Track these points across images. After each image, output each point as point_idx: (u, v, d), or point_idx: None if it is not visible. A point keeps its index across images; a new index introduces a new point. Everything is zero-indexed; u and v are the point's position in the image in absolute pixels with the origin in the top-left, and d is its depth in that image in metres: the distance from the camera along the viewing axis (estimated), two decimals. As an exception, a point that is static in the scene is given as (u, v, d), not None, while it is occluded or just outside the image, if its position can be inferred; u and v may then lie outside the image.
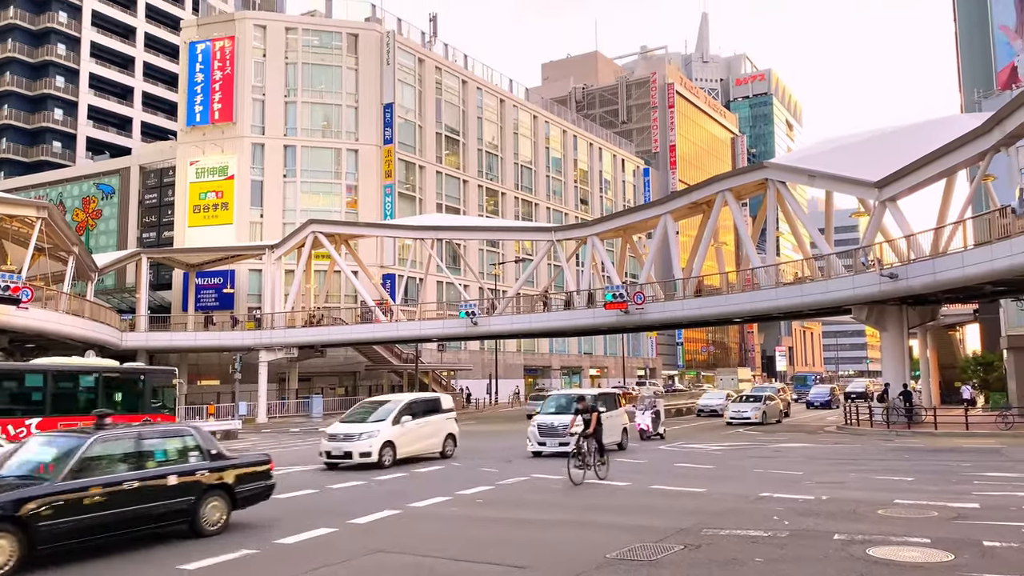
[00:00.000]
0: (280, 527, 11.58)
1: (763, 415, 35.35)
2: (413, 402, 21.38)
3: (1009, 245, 23.76)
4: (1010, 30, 47.78)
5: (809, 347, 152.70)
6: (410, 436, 20.44)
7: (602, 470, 16.24)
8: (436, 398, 22.82)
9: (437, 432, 21.57)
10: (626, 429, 23.53)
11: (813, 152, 40.83)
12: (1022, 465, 18.06)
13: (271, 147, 59.20)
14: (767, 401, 36.77)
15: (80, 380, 24.33)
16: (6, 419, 21.54)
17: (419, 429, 20.84)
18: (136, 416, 22.87)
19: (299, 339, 48.06)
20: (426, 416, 21.39)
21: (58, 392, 23.35)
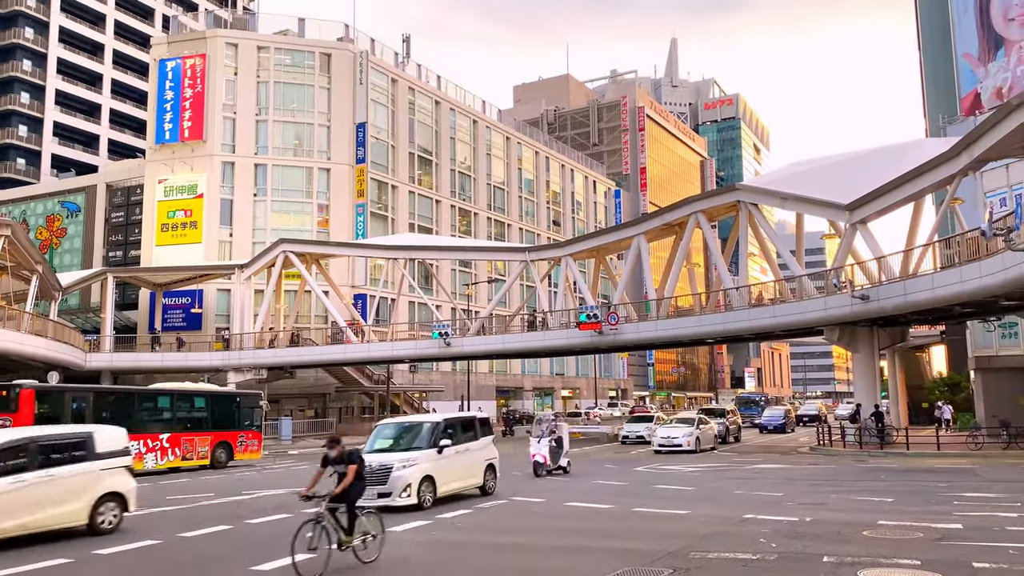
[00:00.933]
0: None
1: (696, 441, 31.03)
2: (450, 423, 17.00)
3: (978, 267, 24.12)
4: (973, 58, 48.98)
5: (778, 368, 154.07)
6: (450, 468, 16.34)
7: (365, 550, 10.47)
8: (472, 418, 18.44)
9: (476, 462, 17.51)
10: (492, 466, 17.89)
11: (784, 175, 41.31)
12: (998, 485, 18.18)
13: (241, 165, 58.62)
14: (700, 425, 32.55)
15: (195, 402, 28.43)
16: (145, 434, 25.23)
17: (458, 459, 16.71)
18: (235, 432, 28.54)
19: (268, 360, 47.36)
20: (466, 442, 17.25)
21: (180, 412, 27.38)
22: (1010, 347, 36.31)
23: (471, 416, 18.62)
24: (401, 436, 16.59)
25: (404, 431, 16.77)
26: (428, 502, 15.35)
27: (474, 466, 17.30)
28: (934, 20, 54.87)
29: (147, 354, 49.58)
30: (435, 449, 15.77)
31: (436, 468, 15.71)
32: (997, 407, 33.86)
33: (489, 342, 44.13)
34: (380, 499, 14.58)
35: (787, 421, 49.08)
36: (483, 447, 17.79)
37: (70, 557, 11.26)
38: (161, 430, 26.10)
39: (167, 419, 26.75)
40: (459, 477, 16.70)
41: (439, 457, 15.83)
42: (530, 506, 16.09)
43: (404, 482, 14.99)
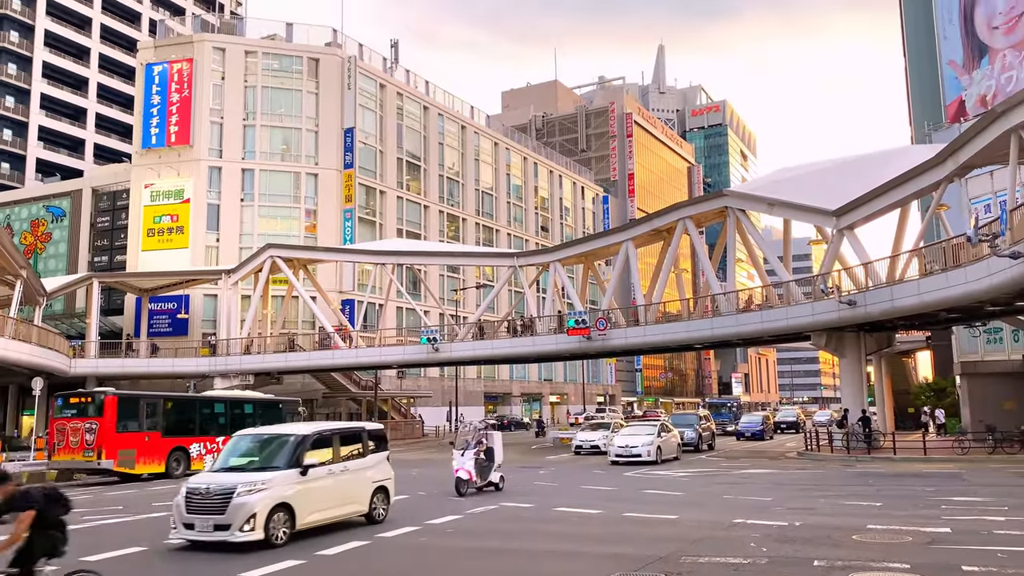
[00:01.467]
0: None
1: (658, 451, 28.06)
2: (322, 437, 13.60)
3: (964, 273, 24.28)
4: (958, 65, 49.42)
5: (765, 373, 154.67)
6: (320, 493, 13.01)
7: None
8: (359, 429, 15.02)
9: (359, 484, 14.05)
10: (384, 489, 14.52)
11: (771, 181, 41.50)
12: (985, 490, 18.28)
13: (229, 170, 58.38)
14: (663, 433, 29.60)
15: (245, 407, 30.74)
16: (205, 437, 28.10)
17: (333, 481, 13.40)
18: None
19: (255, 366, 47.09)
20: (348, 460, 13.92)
21: (232, 416, 29.54)
22: (995, 352, 36.59)
23: (355, 427, 15.28)
24: (258, 452, 13.26)
25: (263, 445, 13.38)
26: (281, 537, 12.05)
27: (357, 489, 13.89)
28: (919, 28, 55.35)
29: (133, 360, 49.21)
30: (297, 469, 12.50)
31: (297, 493, 12.38)
32: (983, 412, 34.11)
33: (477, 347, 44.05)
34: (217, 532, 11.75)
35: (765, 427, 46.53)
36: (372, 466, 14.40)
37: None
38: (217, 433, 28.25)
39: (222, 423, 29.05)
40: (333, 503, 13.31)
41: (302, 480, 12.53)
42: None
43: (247, 512, 11.71)
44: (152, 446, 26.32)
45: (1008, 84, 44.57)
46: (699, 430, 35.54)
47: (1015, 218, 21.30)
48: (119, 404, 25.79)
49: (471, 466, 18.74)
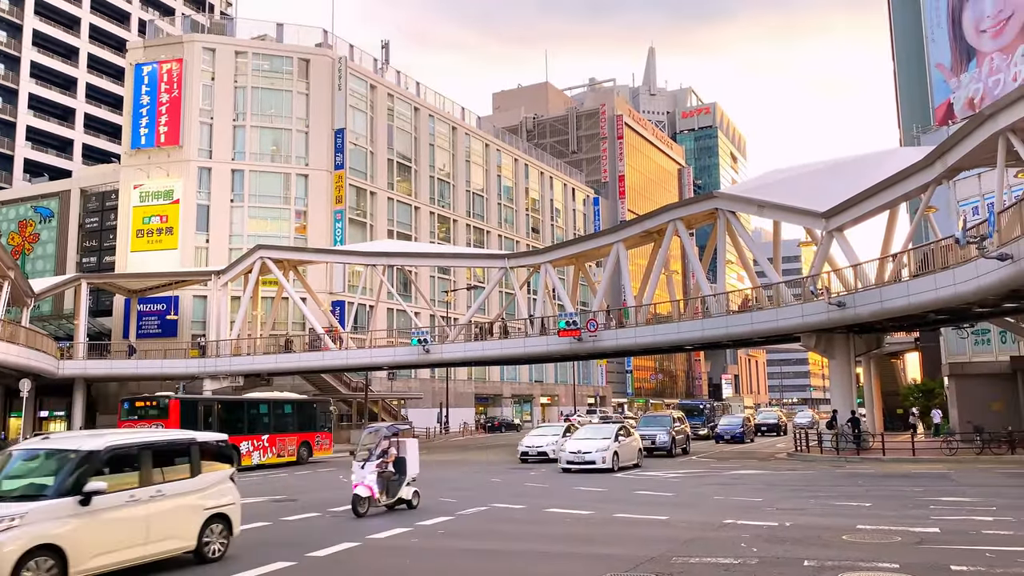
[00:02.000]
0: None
1: (614, 457, 25.29)
2: (120, 453, 10.29)
3: (952, 274, 24.43)
4: (946, 68, 49.74)
5: (754, 375, 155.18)
6: (112, 528, 9.72)
7: None
8: (185, 442, 11.36)
9: (183, 514, 10.77)
10: (223, 517, 11.35)
11: (761, 183, 41.66)
12: (973, 490, 18.39)
13: (218, 171, 58.17)
14: (621, 436, 26.58)
15: (284, 408, 33.13)
16: (253, 435, 30.60)
17: (137, 511, 10.08)
18: (313, 433, 33.94)
19: (245, 367, 46.93)
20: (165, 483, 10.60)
21: (275, 416, 32.30)
22: (983, 354, 36.83)
23: (178, 439, 11.51)
24: (34, 473, 10.13)
25: (41, 464, 10.20)
26: None
27: (179, 520, 10.66)
28: (908, 31, 55.69)
29: (121, 361, 48.96)
30: (73, 498, 9.28)
31: (72, 530, 9.15)
32: (971, 413, 34.31)
33: (468, 349, 44.03)
34: None
35: (746, 430, 44.59)
36: (204, 489, 11.11)
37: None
38: (262, 432, 31.25)
39: (266, 423, 31.92)
40: (136, 541, 9.98)
41: (82, 511, 9.30)
42: (511, 512, 15.85)
43: None
44: None
45: (995, 87, 44.88)
46: (672, 433, 33.02)
47: (1003, 220, 21.44)
48: (181, 407, 28.71)
49: (373, 481, 15.60)
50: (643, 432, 32.04)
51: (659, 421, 34.74)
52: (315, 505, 17.45)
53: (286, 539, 12.94)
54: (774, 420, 54.73)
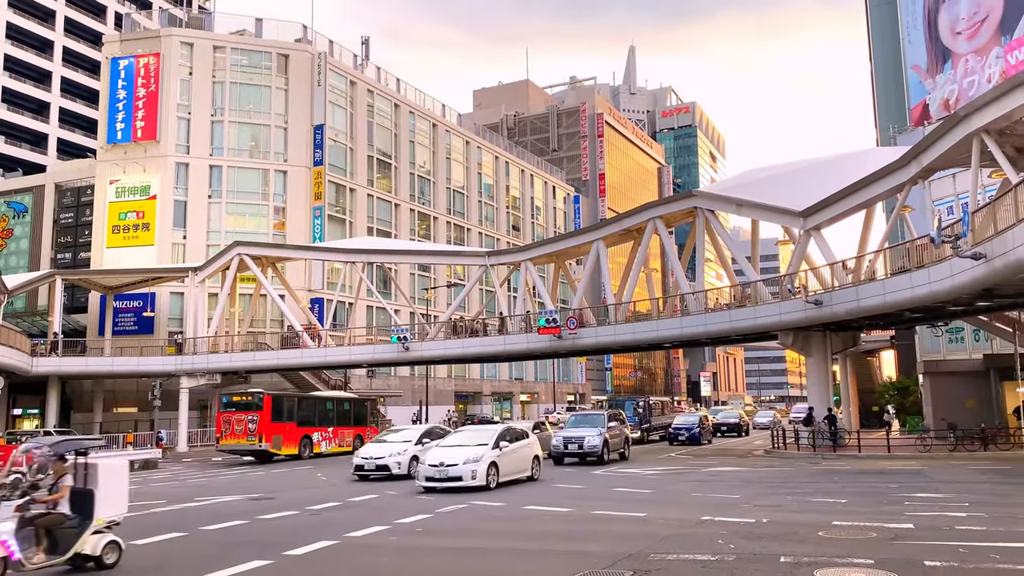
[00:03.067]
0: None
1: (492, 471, 19.40)
2: None
3: (927, 273, 24.71)
4: (922, 70, 50.28)
5: (732, 372, 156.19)
6: None
7: None
8: None
9: None
10: None
11: (739, 182, 41.92)
12: (946, 486, 18.62)
13: (196, 167, 57.64)
14: (506, 443, 20.38)
15: (344, 404, 38.37)
16: (322, 427, 35.88)
17: None
18: (364, 427, 38.49)
19: (223, 365, 46.59)
20: None
21: (338, 411, 37.51)
22: (957, 352, 37.31)
23: None
24: None
25: None
26: None
27: None
28: (885, 32, 56.24)
29: (97, 359, 48.45)
30: None
31: None
32: (944, 410, 34.72)
33: (448, 346, 43.95)
34: None
35: (702, 430, 41.04)
36: None
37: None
38: (328, 424, 36.35)
39: (330, 416, 36.82)
40: None
41: None
42: (490, 511, 15.83)
43: None
44: (291, 434, 33.76)
45: (970, 88, 45.44)
46: (606, 435, 27.07)
47: (977, 220, 21.70)
48: (272, 401, 33.46)
49: (10, 533, 9.50)
50: (570, 434, 27.30)
51: (591, 420, 28.64)
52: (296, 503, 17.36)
53: (261, 538, 12.84)
54: (735, 419, 50.60)
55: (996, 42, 45.52)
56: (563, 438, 27.08)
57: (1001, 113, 21.31)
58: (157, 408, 44.18)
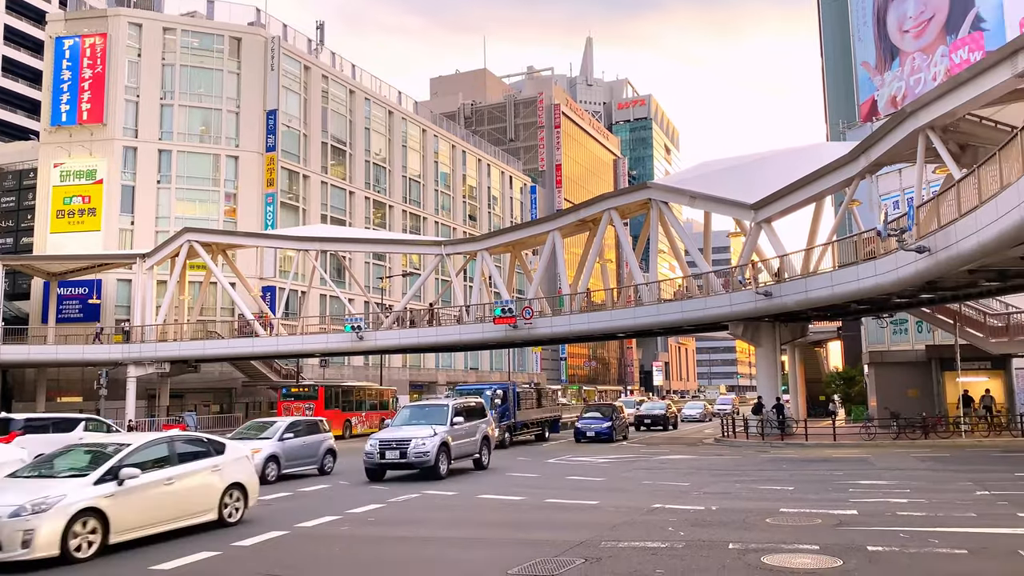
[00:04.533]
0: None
1: None
2: None
3: (873, 266, 25.31)
4: (871, 66, 51.33)
5: (684, 362, 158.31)
6: None
7: None
8: None
9: None
10: None
11: (693, 175, 42.35)
12: (889, 473, 19.14)
13: (144, 151, 56.25)
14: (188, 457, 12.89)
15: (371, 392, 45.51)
16: (356, 412, 42.31)
17: None
18: (387, 412, 42.89)
19: (171, 353, 45.71)
20: None
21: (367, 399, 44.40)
22: (900, 343, 38.35)
23: None
24: None
25: None
26: None
27: None
28: (836, 29, 57.27)
29: (39, 347, 47.19)
30: None
31: None
32: (888, 399, 35.71)
33: (403, 336, 43.74)
34: None
35: (617, 425, 34.59)
36: None
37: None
38: (362, 410, 42.95)
39: (362, 403, 43.46)
40: None
41: None
42: (445, 499, 15.83)
43: None
44: (338, 418, 38.71)
45: (917, 86, 46.54)
46: (446, 436, 19.54)
47: (921, 214, 22.28)
48: (325, 391, 40.05)
49: None
50: (390, 436, 19.49)
51: (429, 414, 20.58)
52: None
53: (207, 524, 12.65)
54: (661, 411, 46.28)
55: (942, 41, 46.68)
56: (379, 442, 18.94)
57: (945, 110, 21.87)
58: (103, 398, 43.18)
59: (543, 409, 37.55)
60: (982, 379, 35.77)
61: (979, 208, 17.85)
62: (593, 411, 37.20)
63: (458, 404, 21.39)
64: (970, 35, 44.91)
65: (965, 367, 32.07)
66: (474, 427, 21.37)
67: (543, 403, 37.97)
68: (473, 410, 21.94)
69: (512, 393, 33.57)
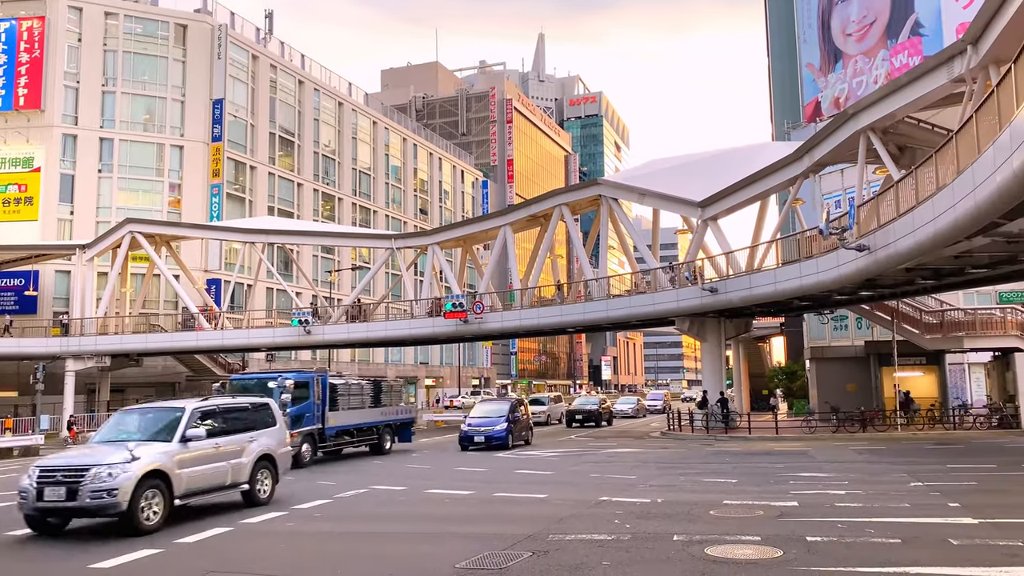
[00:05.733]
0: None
1: None
2: None
3: (816, 263, 25.92)
4: (815, 68, 52.50)
5: (633, 357, 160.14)
6: None
7: None
8: None
9: None
10: None
11: (642, 172, 42.84)
12: (829, 466, 19.67)
13: (85, 139, 54.71)
14: None
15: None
16: None
17: None
18: None
19: (113, 347, 44.61)
20: None
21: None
22: (841, 339, 39.36)
23: None
24: None
25: None
26: None
27: None
28: (782, 31, 58.39)
29: (-29, 340, 45.52)
30: None
31: None
32: (828, 394, 36.64)
33: (351, 330, 43.36)
34: None
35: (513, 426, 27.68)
36: None
37: None
38: None
39: None
40: None
41: None
42: (392, 495, 15.77)
43: None
44: None
45: (859, 88, 47.76)
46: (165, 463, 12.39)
47: (861, 213, 22.89)
48: None
49: None
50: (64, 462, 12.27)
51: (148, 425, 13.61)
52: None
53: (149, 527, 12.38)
54: (594, 407, 43.12)
55: (883, 45, 47.96)
56: (39, 472, 11.93)
57: (885, 113, 22.52)
58: (40, 392, 41.92)
59: (381, 409, 27.88)
60: (917, 374, 36.97)
61: (916, 208, 18.41)
62: (487, 406, 29.62)
63: (206, 407, 14.08)
64: (909, 40, 46.26)
65: (902, 363, 33.08)
66: (237, 442, 14.16)
67: (383, 400, 28.36)
68: (238, 415, 14.69)
69: (319, 387, 24.56)
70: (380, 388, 28.71)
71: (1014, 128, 12.70)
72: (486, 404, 29.83)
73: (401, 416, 29.36)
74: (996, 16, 16.72)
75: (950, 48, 19.79)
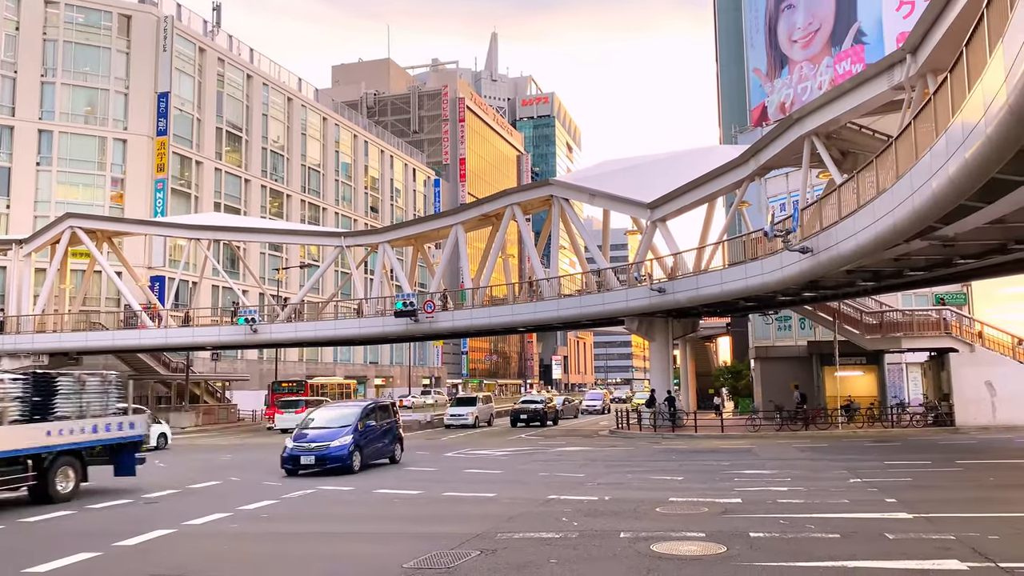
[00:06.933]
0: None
1: None
2: None
3: (760, 265, 26.44)
4: (762, 73, 53.53)
5: (583, 356, 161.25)
6: None
7: None
8: None
9: None
10: None
11: (593, 173, 43.16)
12: (772, 463, 20.07)
13: (22, 130, 53.03)
14: None
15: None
16: None
17: None
18: None
19: (51, 345, 43.29)
20: None
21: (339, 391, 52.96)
22: (784, 339, 40.18)
23: None
24: None
25: None
26: None
27: None
28: (731, 35, 59.39)
29: (-101, 338, 43.73)
30: None
31: None
32: (772, 393, 37.34)
33: (299, 329, 42.80)
34: None
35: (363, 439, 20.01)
36: None
37: None
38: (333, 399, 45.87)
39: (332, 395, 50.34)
40: None
41: None
42: (339, 495, 15.65)
43: None
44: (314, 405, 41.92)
45: (804, 93, 48.84)
46: None
47: (805, 217, 23.42)
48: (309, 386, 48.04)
49: None
50: None
51: None
52: (127, 492, 16.39)
53: (89, 528, 12.08)
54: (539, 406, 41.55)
55: (827, 52, 49.12)
56: None
57: (828, 118, 23.08)
58: (-28, 392, 40.47)
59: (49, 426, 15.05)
60: (858, 373, 37.92)
61: (857, 212, 18.90)
62: (330, 412, 21.29)
63: None
64: (852, 48, 47.46)
65: (843, 362, 33.92)
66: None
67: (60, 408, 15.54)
68: None
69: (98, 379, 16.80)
70: (53, 388, 15.50)
71: (950, 135, 13.13)
72: (330, 410, 21.74)
73: (111, 434, 16.41)
74: (934, 26, 17.26)
75: (890, 56, 20.37)
